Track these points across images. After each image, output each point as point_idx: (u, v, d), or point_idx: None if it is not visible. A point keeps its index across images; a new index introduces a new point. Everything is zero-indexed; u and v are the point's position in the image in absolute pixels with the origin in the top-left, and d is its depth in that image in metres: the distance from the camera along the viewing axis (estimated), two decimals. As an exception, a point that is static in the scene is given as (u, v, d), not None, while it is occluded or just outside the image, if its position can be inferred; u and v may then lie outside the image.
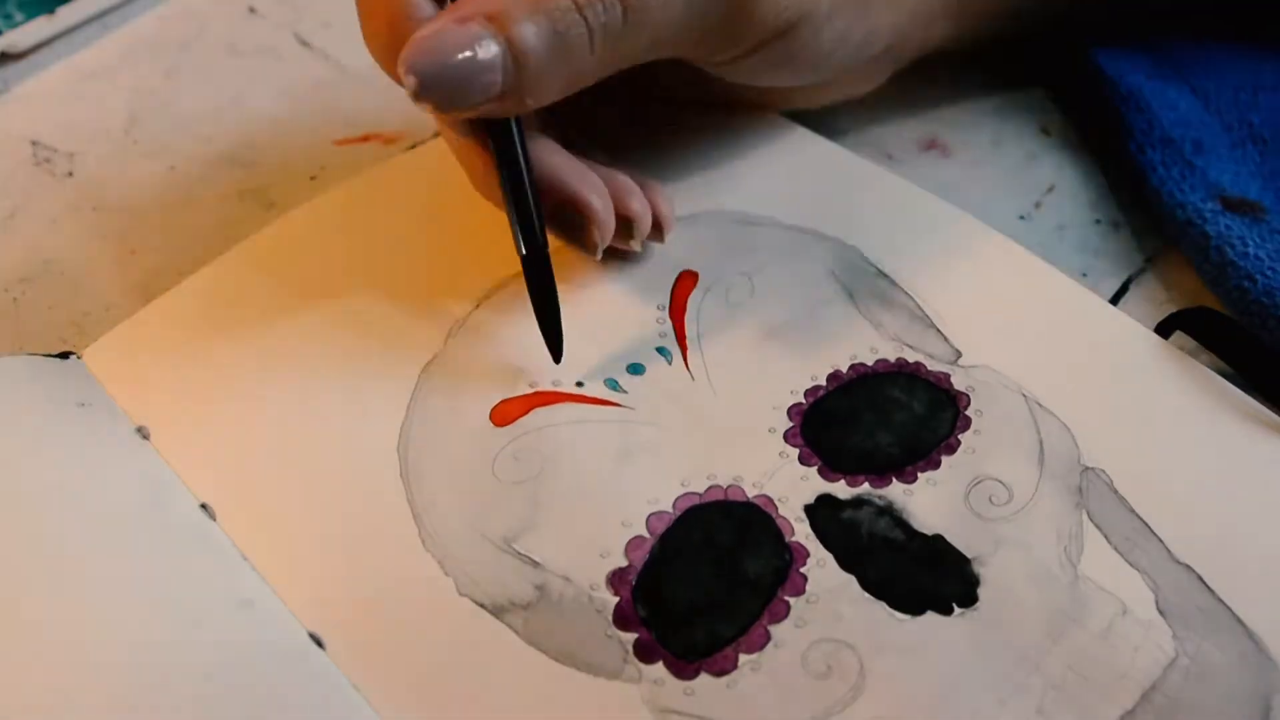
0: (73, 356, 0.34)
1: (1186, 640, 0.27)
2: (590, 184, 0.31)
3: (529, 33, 0.27)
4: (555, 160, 0.31)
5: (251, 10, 0.47)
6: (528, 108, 0.29)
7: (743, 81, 0.33)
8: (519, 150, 0.30)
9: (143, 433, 0.32)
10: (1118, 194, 0.38)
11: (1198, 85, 0.39)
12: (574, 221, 0.31)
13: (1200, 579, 0.28)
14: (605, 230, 0.31)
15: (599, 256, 0.32)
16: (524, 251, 0.31)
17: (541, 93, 0.28)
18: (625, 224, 0.32)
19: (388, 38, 0.29)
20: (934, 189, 0.37)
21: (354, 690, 0.28)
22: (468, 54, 0.27)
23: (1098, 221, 0.38)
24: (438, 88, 0.27)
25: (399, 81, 0.28)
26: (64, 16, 0.46)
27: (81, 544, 0.29)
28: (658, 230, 0.34)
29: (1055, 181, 0.39)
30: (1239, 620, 0.27)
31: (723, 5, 0.29)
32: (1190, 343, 0.33)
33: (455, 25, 0.27)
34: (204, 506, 0.31)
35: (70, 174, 0.41)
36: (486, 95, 0.28)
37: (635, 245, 0.33)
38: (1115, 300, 0.35)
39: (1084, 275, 0.36)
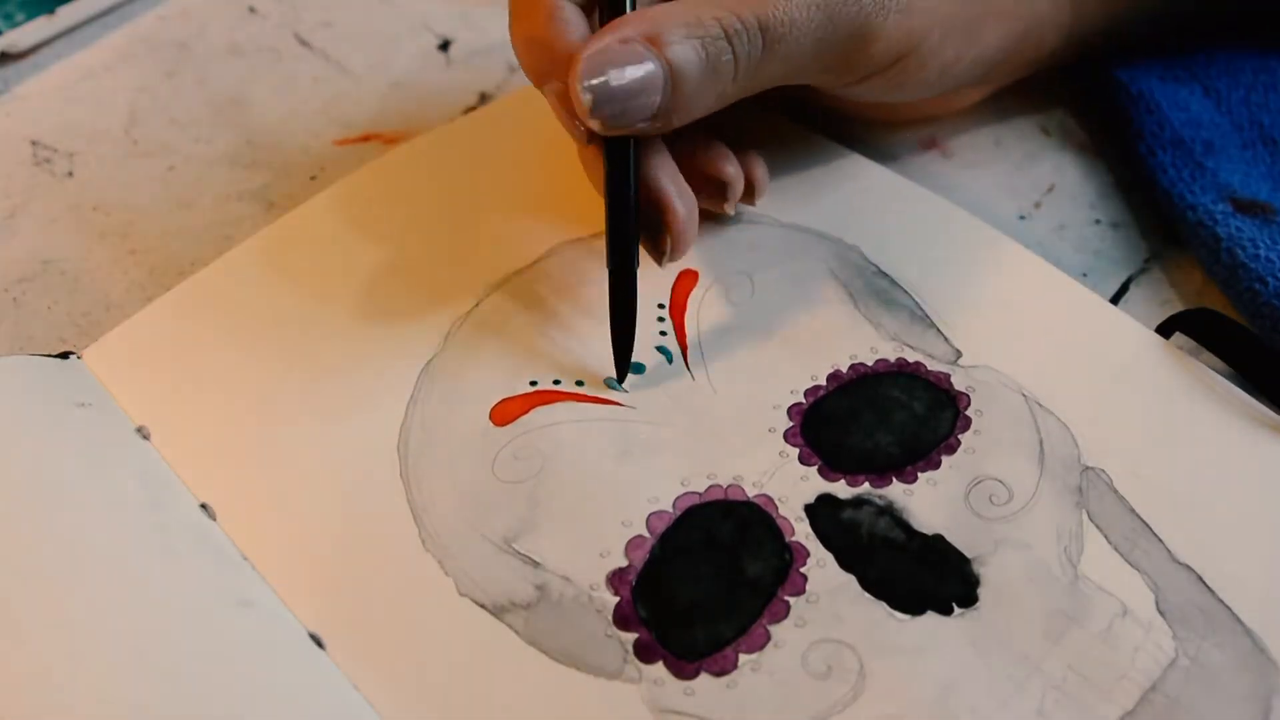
0: (73, 356, 0.34)
1: (1187, 641, 0.27)
2: (681, 192, 0.32)
3: (684, 56, 0.29)
4: (655, 160, 0.32)
5: (251, 10, 0.47)
6: (673, 126, 0.31)
7: (856, 99, 0.35)
8: (630, 169, 0.31)
9: (143, 433, 0.32)
10: (1119, 194, 0.38)
11: (1210, 85, 0.40)
12: (654, 223, 0.32)
13: (1200, 579, 0.28)
14: (680, 243, 0.32)
15: (663, 266, 0.33)
16: (614, 266, 0.32)
17: (689, 112, 0.30)
18: (719, 187, 0.34)
19: (537, 46, 0.31)
20: (934, 189, 0.37)
21: (354, 690, 0.28)
22: (635, 71, 0.29)
23: (1098, 221, 0.38)
24: (608, 104, 0.29)
25: (538, 86, 0.32)
26: (64, 16, 0.46)
27: (81, 545, 0.29)
28: (749, 194, 0.35)
29: (1055, 181, 0.39)
30: (1239, 620, 0.27)
31: (845, 41, 0.31)
32: (1190, 342, 0.33)
33: (619, 44, 0.29)
34: (204, 507, 0.31)
35: (70, 174, 0.41)
36: (646, 113, 0.30)
37: (729, 209, 0.34)
38: (1115, 300, 0.35)
39: (1084, 275, 0.36)
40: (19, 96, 0.44)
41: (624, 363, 0.32)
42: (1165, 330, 0.33)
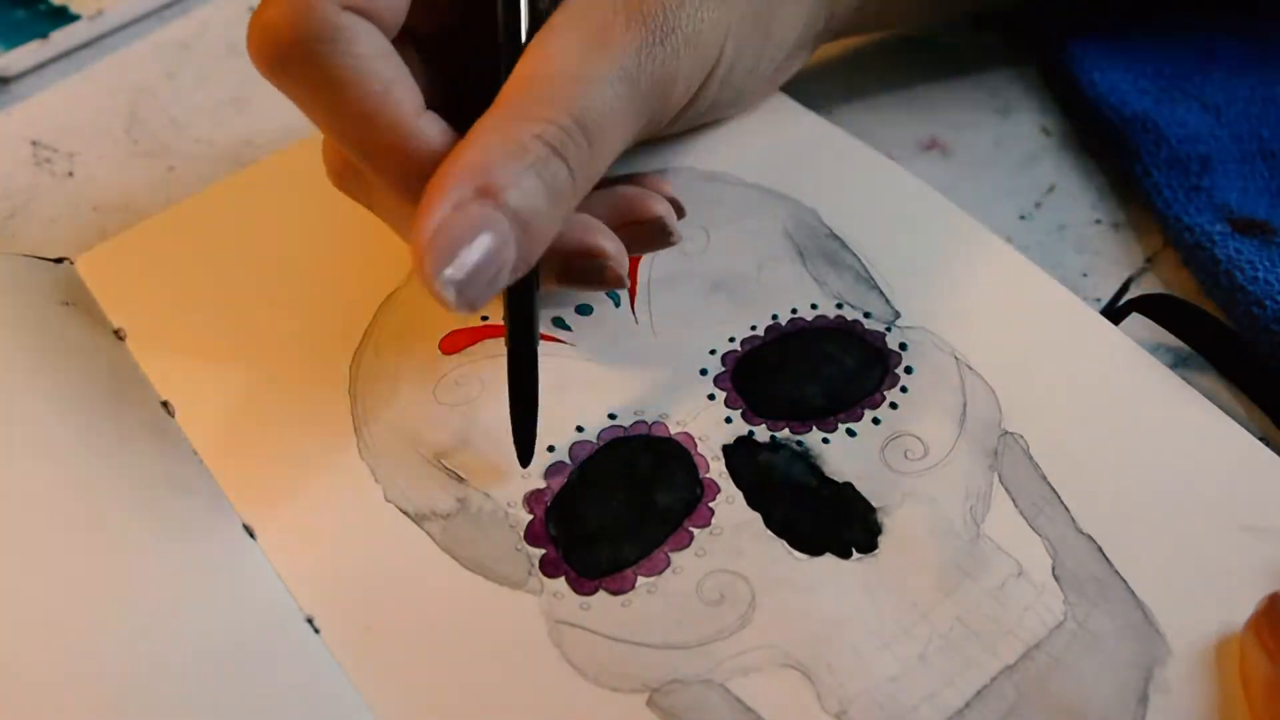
0: (65, 261, 0.38)
1: (1077, 606, 0.29)
2: (597, 229, 0.32)
3: (526, 198, 0.28)
4: (572, 223, 0.31)
5: (251, 10, 0.49)
6: (529, 267, 0.29)
7: (676, 131, 0.36)
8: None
9: (119, 334, 0.36)
10: (1119, 194, 0.40)
11: (1208, 101, 0.41)
12: (590, 268, 0.32)
13: (1100, 550, 0.30)
14: (621, 264, 0.32)
15: (626, 285, 0.33)
16: (512, 346, 0.31)
17: (543, 244, 0.29)
18: (652, 228, 0.33)
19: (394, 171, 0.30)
20: (935, 189, 0.38)
21: (276, 577, 0.31)
22: (484, 242, 0.27)
23: (1098, 221, 0.39)
24: (472, 290, 0.27)
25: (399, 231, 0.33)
26: (57, 41, 0.47)
27: (41, 424, 0.33)
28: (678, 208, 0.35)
29: (1055, 181, 0.41)
30: (1132, 592, 0.29)
31: (653, 99, 0.31)
32: (1145, 330, 0.34)
33: (455, 214, 0.27)
34: (165, 404, 0.34)
35: (70, 174, 0.43)
36: (505, 274, 0.28)
37: (675, 239, 0.34)
38: (1114, 300, 0.37)
39: (1084, 275, 0.37)
40: (19, 96, 0.46)
41: (527, 448, 0.32)
42: (1123, 311, 0.35)
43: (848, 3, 0.38)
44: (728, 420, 0.33)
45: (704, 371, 0.34)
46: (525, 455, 0.32)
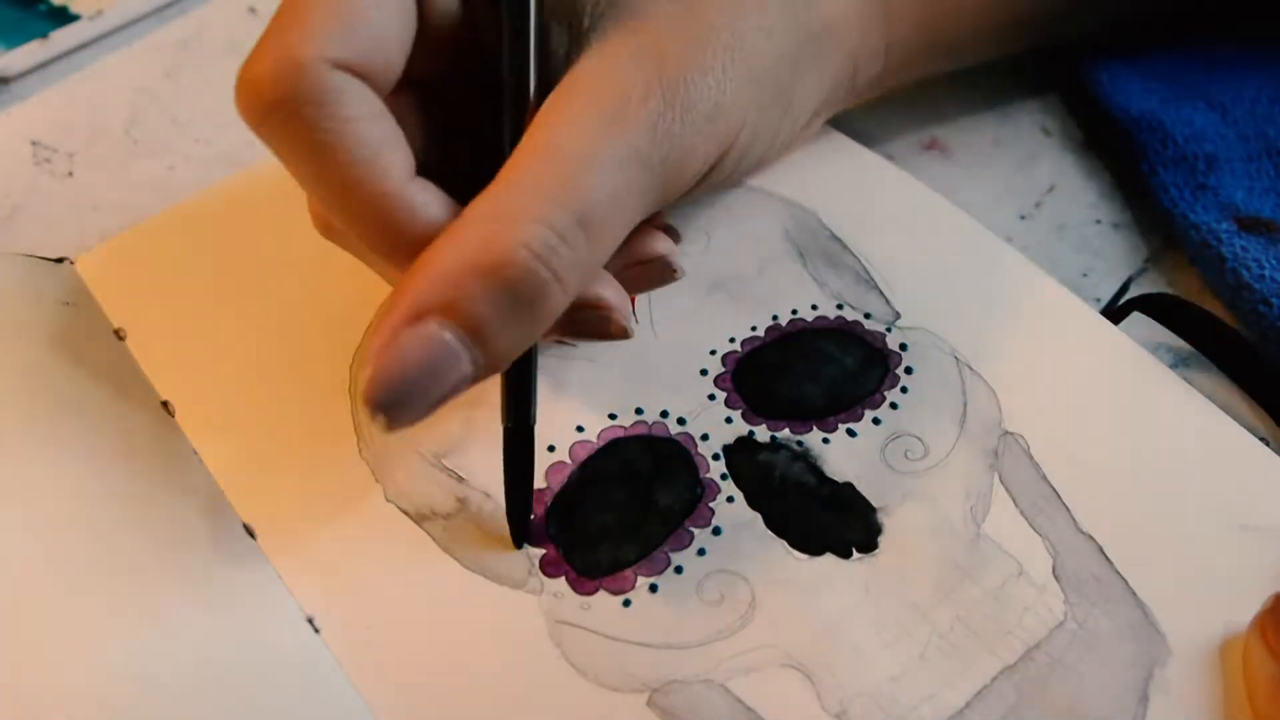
0: (66, 261, 0.38)
1: (1077, 606, 0.29)
2: (601, 279, 0.30)
3: (494, 315, 0.26)
4: None
5: (251, 10, 0.50)
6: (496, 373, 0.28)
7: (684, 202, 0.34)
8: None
9: (119, 334, 0.36)
10: (1119, 194, 0.40)
11: (1214, 100, 0.41)
12: (592, 320, 0.30)
13: (1101, 550, 0.30)
14: (625, 313, 0.30)
15: (631, 335, 0.31)
16: (512, 425, 0.30)
17: (511, 358, 0.27)
18: (655, 265, 0.32)
19: (380, 244, 0.28)
20: (934, 189, 0.39)
21: (277, 578, 0.31)
22: (435, 362, 0.26)
23: (1098, 221, 0.40)
24: (402, 416, 0.26)
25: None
26: (57, 41, 0.47)
27: (47, 424, 0.33)
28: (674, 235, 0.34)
29: (1055, 181, 0.41)
30: (1132, 592, 0.29)
31: (667, 180, 0.29)
32: (1144, 329, 0.35)
33: (409, 328, 0.25)
34: (165, 404, 0.35)
35: (70, 174, 0.43)
36: (460, 387, 0.26)
37: (678, 275, 0.32)
38: (1114, 300, 0.37)
39: (1084, 275, 0.38)
40: (19, 96, 0.46)
41: (522, 528, 0.31)
42: (1124, 310, 0.35)
43: (867, 72, 0.37)
44: (728, 420, 0.33)
45: (704, 371, 0.34)
46: (520, 536, 0.31)
